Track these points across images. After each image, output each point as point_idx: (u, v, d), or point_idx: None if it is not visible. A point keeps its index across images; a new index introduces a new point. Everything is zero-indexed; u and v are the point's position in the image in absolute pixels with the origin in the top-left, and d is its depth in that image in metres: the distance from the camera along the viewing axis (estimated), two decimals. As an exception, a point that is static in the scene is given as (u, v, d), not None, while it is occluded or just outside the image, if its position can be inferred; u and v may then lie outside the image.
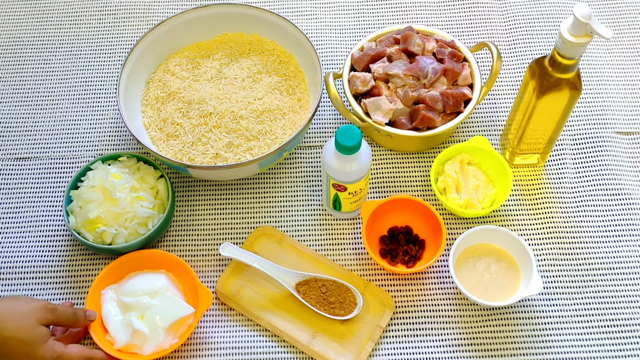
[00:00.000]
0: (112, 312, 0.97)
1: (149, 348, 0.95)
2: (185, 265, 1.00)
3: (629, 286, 1.02)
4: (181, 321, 0.96)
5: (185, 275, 1.01)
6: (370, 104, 1.08)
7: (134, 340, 0.95)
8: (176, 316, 0.95)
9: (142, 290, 0.97)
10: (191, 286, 1.00)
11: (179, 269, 1.01)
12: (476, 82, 1.10)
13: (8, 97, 1.22)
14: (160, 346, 0.95)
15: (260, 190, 1.12)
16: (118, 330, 0.96)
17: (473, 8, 1.30)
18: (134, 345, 0.95)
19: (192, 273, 0.99)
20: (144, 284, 0.98)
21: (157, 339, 0.95)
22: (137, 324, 0.95)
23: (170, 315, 0.95)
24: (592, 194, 1.10)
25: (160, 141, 1.10)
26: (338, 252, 1.06)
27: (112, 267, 1.01)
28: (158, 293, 0.97)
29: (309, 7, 1.31)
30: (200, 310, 0.96)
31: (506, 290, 0.99)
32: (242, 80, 1.14)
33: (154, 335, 0.95)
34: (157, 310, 0.96)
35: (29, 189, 1.12)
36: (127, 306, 0.97)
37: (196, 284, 0.98)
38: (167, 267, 1.02)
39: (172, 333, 0.96)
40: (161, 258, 1.02)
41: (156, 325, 0.95)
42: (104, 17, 1.30)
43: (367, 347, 0.97)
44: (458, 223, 1.08)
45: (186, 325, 0.97)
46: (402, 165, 1.14)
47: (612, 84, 1.21)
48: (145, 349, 0.95)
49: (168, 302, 0.96)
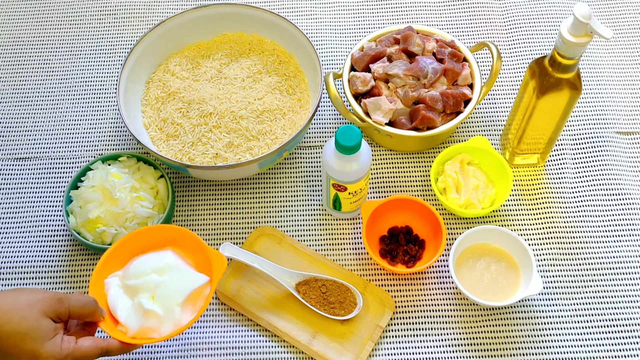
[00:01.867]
0: (119, 300, 0.89)
1: (166, 328, 0.87)
2: (191, 234, 0.93)
3: (629, 286, 1.02)
4: (196, 293, 0.89)
5: (192, 246, 0.93)
6: (370, 104, 1.08)
7: (147, 322, 0.87)
8: (190, 288, 0.89)
9: (147, 269, 0.90)
10: (201, 255, 0.92)
11: (184, 240, 0.94)
12: (476, 82, 1.10)
13: (8, 97, 1.22)
14: (178, 324, 0.88)
15: (260, 190, 1.12)
16: (129, 317, 0.88)
17: (473, 8, 1.30)
18: (149, 328, 0.87)
19: (199, 240, 0.92)
20: (148, 263, 0.91)
21: (173, 317, 0.87)
22: (148, 305, 0.87)
23: (183, 289, 0.88)
24: (592, 194, 1.10)
25: (160, 141, 1.10)
26: (338, 252, 1.06)
27: (111, 252, 0.93)
28: (166, 268, 0.90)
29: (309, 7, 1.31)
30: (216, 276, 0.90)
31: (506, 290, 0.99)
32: (242, 80, 1.14)
33: (169, 314, 0.87)
34: (167, 287, 0.89)
35: (29, 189, 1.12)
36: (134, 289, 0.89)
37: (206, 250, 0.91)
38: (170, 243, 0.94)
39: (189, 308, 0.89)
40: (163, 233, 0.95)
41: (169, 303, 0.88)
42: (104, 17, 1.30)
43: (367, 347, 0.97)
44: (458, 223, 1.08)
45: (202, 297, 0.90)
46: (402, 165, 1.14)
47: (612, 84, 1.21)
48: (162, 330, 0.87)
49: (178, 275, 0.90)
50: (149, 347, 0.99)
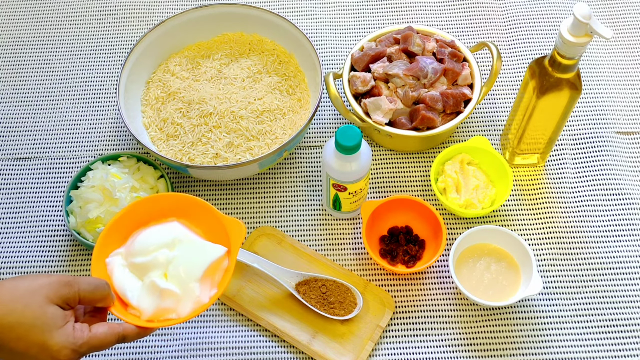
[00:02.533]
0: (125, 280, 0.80)
1: (185, 307, 0.79)
2: (199, 201, 0.84)
3: (629, 286, 1.02)
4: (214, 266, 0.81)
5: (201, 215, 0.84)
6: (370, 104, 1.08)
7: (164, 303, 0.79)
8: (208, 261, 0.80)
9: (155, 244, 0.81)
10: (212, 224, 0.84)
11: (191, 209, 0.84)
12: (476, 82, 1.10)
13: (8, 97, 1.22)
14: (199, 301, 0.79)
15: (260, 190, 1.12)
16: (141, 298, 0.79)
17: (473, 8, 1.30)
18: (166, 309, 0.79)
19: (210, 207, 0.83)
20: (155, 238, 0.82)
21: (193, 294, 0.79)
22: (163, 284, 0.79)
23: (200, 263, 0.80)
24: (592, 194, 1.10)
25: (160, 141, 1.10)
26: (338, 252, 1.06)
27: (109, 228, 0.84)
28: (176, 242, 0.82)
29: (309, 7, 1.31)
30: (234, 245, 0.81)
31: (506, 290, 0.99)
32: (242, 80, 1.14)
33: (187, 292, 0.79)
34: (181, 262, 0.80)
35: (29, 189, 1.12)
36: (142, 268, 0.81)
37: (219, 217, 0.83)
38: (174, 213, 0.86)
39: (208, 283, 0.80)
40: (166, 203, 0.86)
41: (186, 279, 0.79)
42: (104, 17, 1.30)
43: (367, 347, 0.97)
44: (458, 223, 1.08)
45: (221, 270, 0.82)
46: (402, 165, 1.14)
47: (612, 84, 1.21)
48: (180, 310, 0.79)
49: (192, 248, 0.81)
50: (149, 346, 0.99)
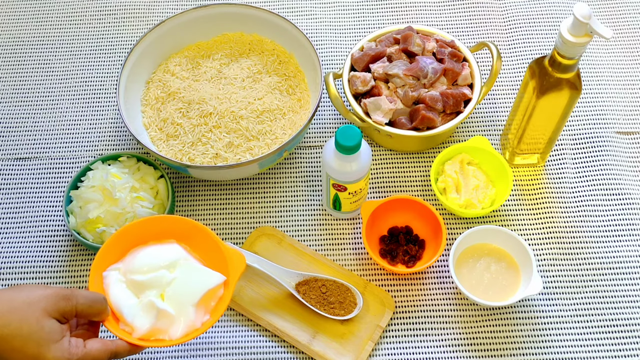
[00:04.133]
0: (122, 296, 0.81)
1: (178, 330, 0.80)
2: (201, 227, 0.85)
3: (629, 286, 1.02)
4: (211, 293, 0.83)
5: (202, 241, 0.85)
6: (370, 104, 1.08)
7: (158, 323, 0.80)
8: (206, 287, 0.82)
9: (155, 264, 0.83)
10: (212, 252, 0.85)
11: (192, 234, 0.85)
12: (476, 82, 1.10)
13: (8, 97, 1.22)
14: (192, 326, 0.81)
15: (260, 190, 1.12)
16: (136, 316, 0.80)
17: (473, 8, 1.30)
18: (159, 329, 0.80)
19: (212, 235, 0.84)
20: (155, 257, 0.84)
21: (188, 318, 0.80)
22: (161, 304, 0.80)
23: (198, 288, 0.82)
24: (592, 194, 1.10)
25: (160, 141, 1.10)
26: (338, 252, 1.06)
27: (110, 243, 0.85)
28: (176, 264, 0.83)
29: (309, 7, 1.31)
30: (233, 275, 0.82)
31: (506, 290, 0.99)
32: (242, 80, 1.14)
33: (182, 315, 0.80)
34: (180, 284, 0.82)
35: (29, 189, 1.12)
36: (140, 285, 0.82)
37: (220, 247, 0.84)
38: (174, 235, 0.87)
39: (202, 309, 0.82)
40: (169, 225, 0.87)
41: (183, 302, 0.81)
42: (104, 17, 1.30)
43: (367, 347, 0.97)
44: (458, 223, 1.08)
45: (216, 298, 0.83)
46: (402, 165, 1.14)
47: (612, 84, 1.21)
48: (172, 332, 0.80)
49: (192, 272, 0.82)
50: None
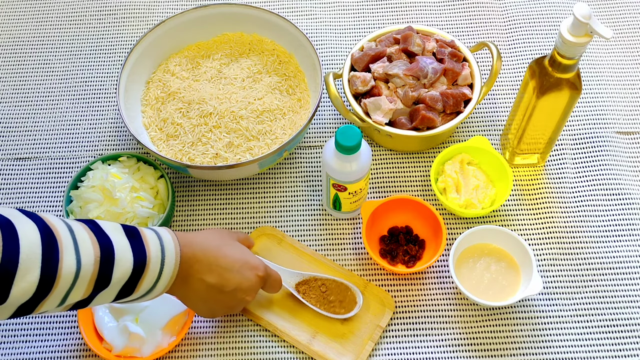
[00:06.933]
0: (105, 319, 0.97)
1: (148, 349, 0.95)
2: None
3: (629, 286, 1.02)
4: (177, 319, 0.97)
5: None
6: (370, 104, 1.08)
7: (131, 344, 0.95)
8: (171, 314, 0.96)
9: None
10: None
11: None
12: (476, 82, 1.10)
13: (8, 97, 1.22)
14: (159, 346, 0.95)
15: (260, 190, 1.12)
16: (114, 337, 0.95)
17: (473, 8, 1.30)
18: (133, 348, 0.95)
19: None
20: None
21: (155, 339, 0.95)
22: (133, 328, 0.95)
23: (165, 315, 0.96)
24: (592, 194, 1.10)
25: (160, 141, 1.10)
26: (338, 252, 1.06)
27: None
28: None
29: (309, 7, 1.31)
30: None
31: (506, 290, 0.99)
32: (242, 80, 1.14)
33: (151, 336, 0.95)
34: (151, 311, 0.96)
35: (29, 189, 1.12)
36: (119, 311, 0.97)
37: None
38: None
39: (169, 331, 0.96)
40: None
41: (152, 326, 0.95)
42: (104, 17, 1.30)
43: (367, 347, 0.97)
44: (458, 223, 1.08)
45: (182, 322, 0.97)
46: (402, 165, 1.14)
47: (612, 84, 1.21)
48: (144, 351, 0.95)
49: (162, 301, 0.96)
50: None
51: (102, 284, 0.76)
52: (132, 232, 0.80)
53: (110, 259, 0.76)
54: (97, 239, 0.76)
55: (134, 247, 0.79)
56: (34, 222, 0.72)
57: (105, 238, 0.77)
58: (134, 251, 0.78)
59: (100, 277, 0.75)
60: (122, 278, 0.77)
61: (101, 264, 0.75)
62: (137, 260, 0.78)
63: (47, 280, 0.71)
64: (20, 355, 0.98)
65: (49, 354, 0.98)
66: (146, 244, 0.80)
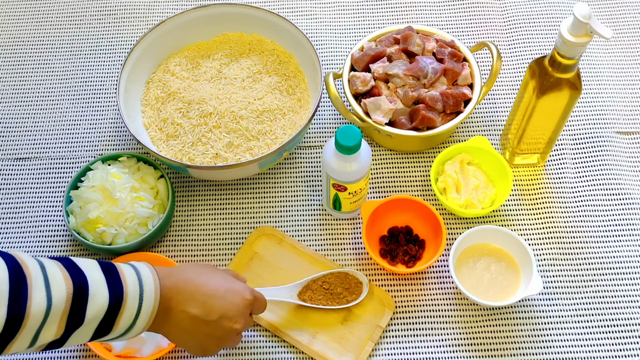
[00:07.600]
0: None
1: (148, 349, 0.95)
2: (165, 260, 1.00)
3: (629, 286, 1.02)
4: None
5: None
6: (370, 104, 1.08)
7: (131, 344, 0.95)
8: None
9: None
10: None
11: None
12: (476, 82, 1.10)
13: (8, 97, 1.22)
14: (159, 346, 0.96)
15: (260, 190, 1.12)
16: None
17: (473, 8, 1.30)
18: (133, 349, 0.95)
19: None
20: None
21: (155, 339, 0.96)
22: None
23: None
24: (592, 194, 1.10)
25: (160, 141, 1.10)
26: (338, 252, 1.06)
27: None
28: None
29: (309, 7, 1.31)
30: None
31: (506, 290, 0.99)
32: (242, 80, 1.14)
33: (151, 336, 0.96)
34: None
35: (29, 189, 1.12)
36: None
37: None
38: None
39: None
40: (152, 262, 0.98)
41: None
42: (104, 17, 1.30)
43: (367, 347, 0.97)
44: (458, 223, 1.08)
45: None
46: (402, 165, 1.14)
47: (612, 84, 1.21)
48: (143, 351, 0.95)
49: None
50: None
51: (76, 322, 0.73)
52: (108, 267, 0.77)
53: (83, 295, 0.73)
54: (70, 275, 0.72)
55: (109, 282, 0.75)
56: (2, 259, 0.69)
57: (79, 274, 0.73)
58: (110, 286, 0.75)
59: (72, 314, 0.72)
60: (97, 315, 0.74)
61: (73, 300, 0.72)
62: (113, 296, 0.75)
63: (15, 318, 0.67)
64: (19, 355, 0.98)
65: (48, 353, 0.98)
66: (123, 279, 0.77)
